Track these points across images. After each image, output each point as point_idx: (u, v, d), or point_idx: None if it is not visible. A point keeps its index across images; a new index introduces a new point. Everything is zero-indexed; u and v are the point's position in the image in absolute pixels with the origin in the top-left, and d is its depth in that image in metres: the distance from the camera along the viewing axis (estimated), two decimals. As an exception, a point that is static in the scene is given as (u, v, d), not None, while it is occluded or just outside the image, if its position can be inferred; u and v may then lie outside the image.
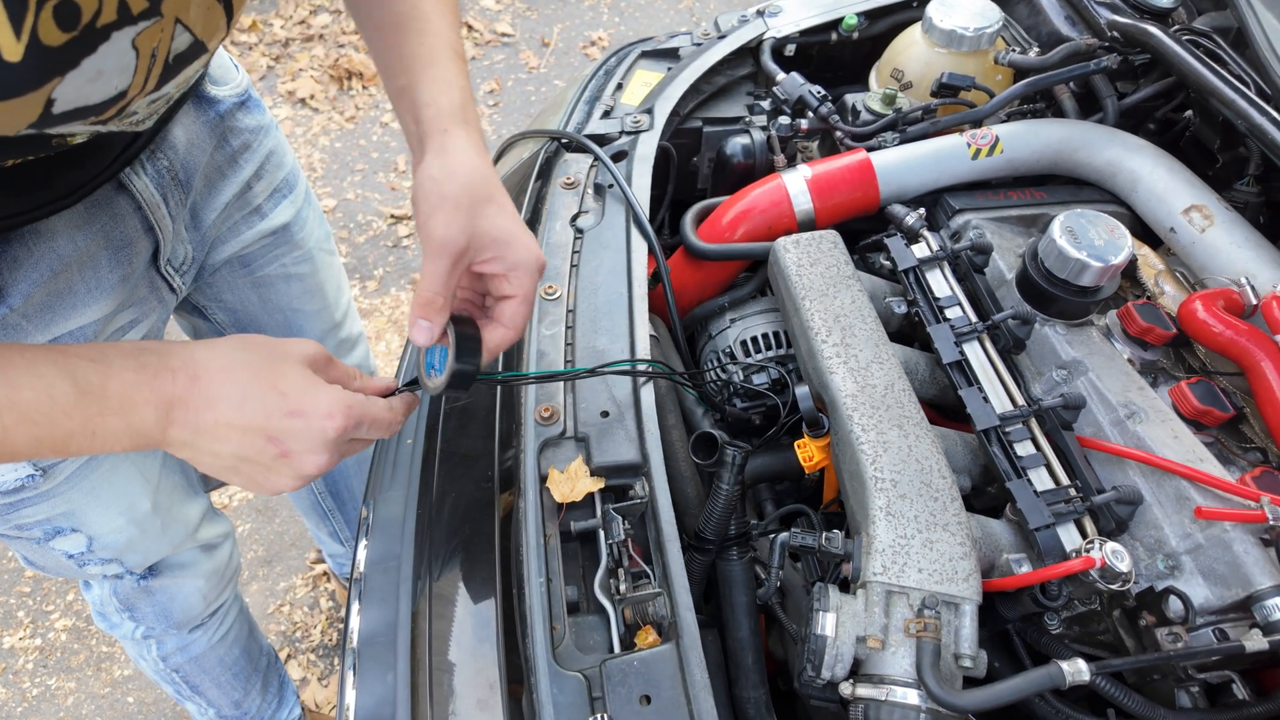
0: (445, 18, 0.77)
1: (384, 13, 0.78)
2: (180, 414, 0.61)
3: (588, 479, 0.83)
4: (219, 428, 0.62)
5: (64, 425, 0.59)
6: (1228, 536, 0.76)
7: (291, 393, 0.63)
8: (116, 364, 0.60)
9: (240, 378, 0.63)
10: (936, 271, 1.01)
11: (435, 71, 0.74)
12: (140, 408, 0.60)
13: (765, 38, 1.35)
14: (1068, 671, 0.68)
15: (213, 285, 1.09)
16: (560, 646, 0.73)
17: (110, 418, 0.60)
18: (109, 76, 0.58)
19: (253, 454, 0.64)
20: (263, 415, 0.62)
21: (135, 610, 1.21)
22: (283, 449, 0.63)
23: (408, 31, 0.76)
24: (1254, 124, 0.98)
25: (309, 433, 0.63)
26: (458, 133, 0.72)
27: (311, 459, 0.65)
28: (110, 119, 0.64)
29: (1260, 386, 0.89)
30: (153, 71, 0.62)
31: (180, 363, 0.62)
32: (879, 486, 0.79)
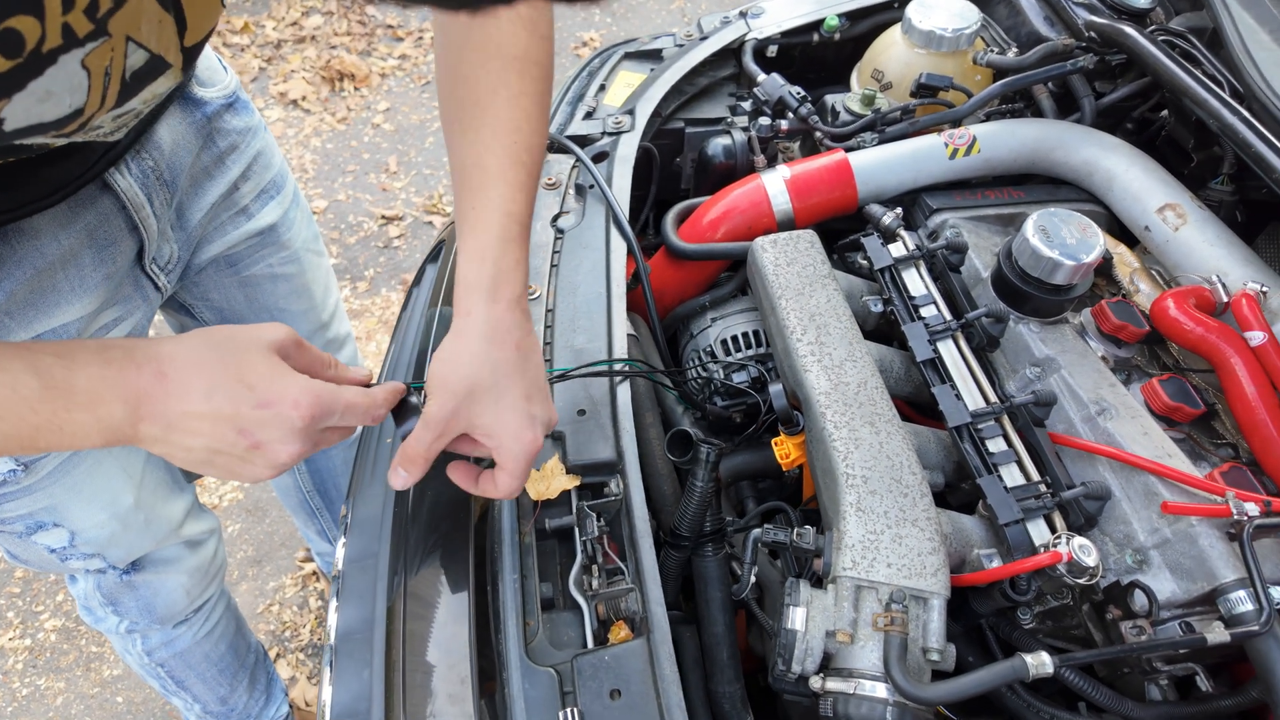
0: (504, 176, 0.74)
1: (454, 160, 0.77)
2: (149, 408, 0.62)
3: (563, 477, 0.84)
4: (188, 420, 0.63)
5: (30, 420, 0.59)
6: (1194, 531, 0.77)
7: (259, 384, 0.63)
8: (81, 359, 0.61)
9: (207, 371, 0.63)
10: (912, 270, 1.02)
11: (473, 242, 0.74)
12: (109, 403, 0.61)
13: (747, 39, 1.36)
14: (1031, 664, 0.69)
15: (199, 284, 1.09)
16: (533, 642, 0.74)
17: (78, 412, 0.60)
18: (60, 96, 0.58)
19: (224, 446, 0.64)
20: (230, 407, 0.63)
21: (119, 604, 1.22)
22: (253, 440, 0.64)
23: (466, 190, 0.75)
24: (1226, 124, 0.99)
25: (278, 422, 0.64)
26: (478, 313, 0.72)
27: (283, 449, 0.65)
28: (73, 132, 0.64)
29: (1230, 383, 0.90)
30: (109, 90, 0.62)
31: (146, 357, 0.62)
32: (850, 483, 0.79)
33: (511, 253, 0.74)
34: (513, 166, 0.75)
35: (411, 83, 3.50)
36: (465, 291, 0.73)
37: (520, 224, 0.75)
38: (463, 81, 0.76)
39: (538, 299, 1.00)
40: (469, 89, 0.76)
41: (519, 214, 0.75)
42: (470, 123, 0.76)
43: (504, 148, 0.75)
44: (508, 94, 0.76)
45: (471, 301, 0.73)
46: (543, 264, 1.05)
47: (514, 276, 0.74)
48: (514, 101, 0.76)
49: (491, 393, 0.71)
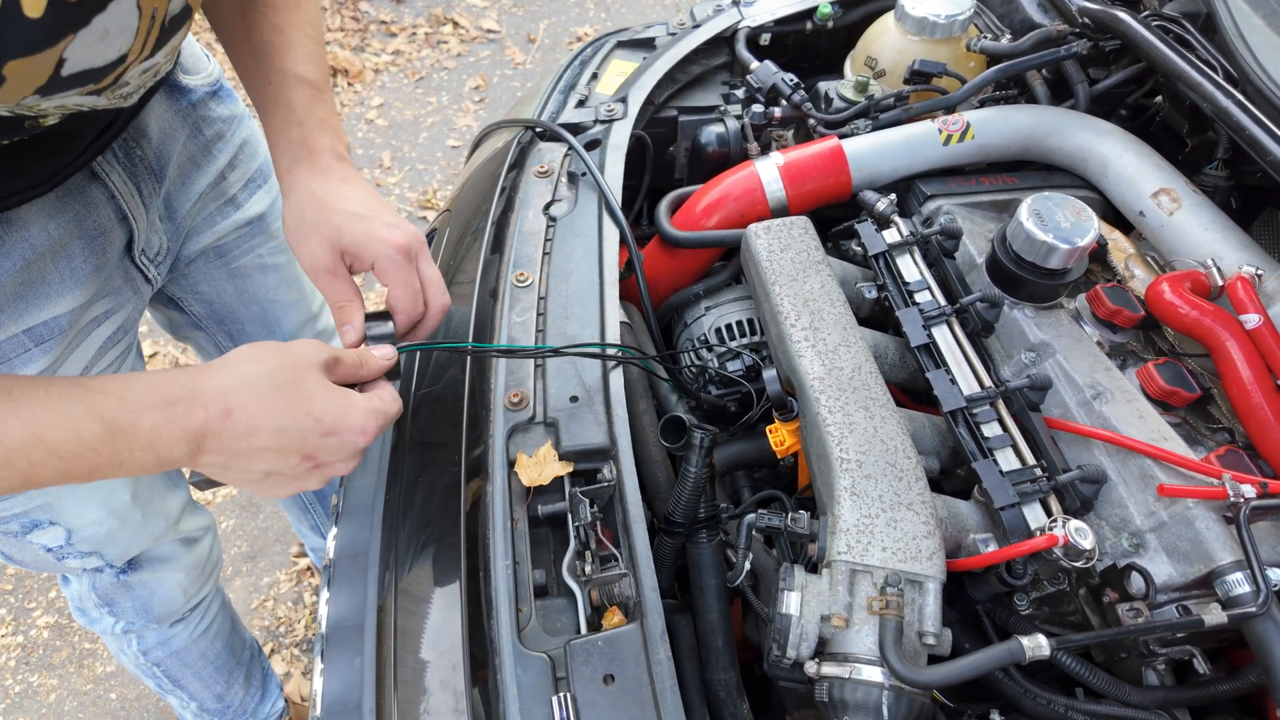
0: (295, 49, 0.82)
1: (242, 51, 0.84)
2: (213, 443, 0.63)
3: (556, 463, 0.83)
4: (255, 453, 0.65)
5: (90, 460, 0.60)
6: (1190, 514, 0.77)
7: (325, 416, 0.66)
8: (144, 401, 0.61)
9: (274, 407, 0.65)
10: (906, 256, 1.01)
11: (280, 115, 0.81)
12: (171, 443, 0.62)
13: (740, 27, 1.35)
14: (1028, 646, 0.68)
15: (188, 276, 1.08)
16: (526, 628, 0.73)
17: (139, 453, 0.61)
18: (114, 36, 0.59)
19: (286, 470, 0.67)
20: (299, 439, 0.65)
21: (115, 605, 1.21)
22: (316, 462, 0.67)
23: (258, 74, 0.82)
24: (1220, 108, 0.99)
25: (343, 447, 0.68)
26: (296, 170, 0.80)
27: (344, 466, 0.70)
28: (106, 88, 0.65)
29: (1225, 367, 0.89)
30: (151, 34, 0.64)
31: (211, 398, 0.63)
32: (844, 467, 0.79)
33: (316, 114, 0.81)
34: (301, 40, 0.83)
35: (405, 78, 3.49)
36: (278, 159, 0.81)
37: (318, 89, 0.83)
38: None
39: (530, 286, 1.00)
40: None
41: (315, 79, 0.83)
42: (254, 5, 0.82)
43: (289, 23, 0.82)
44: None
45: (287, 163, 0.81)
46: (535, 251, 1.04)
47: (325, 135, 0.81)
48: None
49: (339, 213, 0.77)
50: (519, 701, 0.67)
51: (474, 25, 3.75)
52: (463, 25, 3.74)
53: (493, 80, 3.50)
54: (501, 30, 3.75)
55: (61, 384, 0.60)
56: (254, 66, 0.83)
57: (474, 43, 3.68)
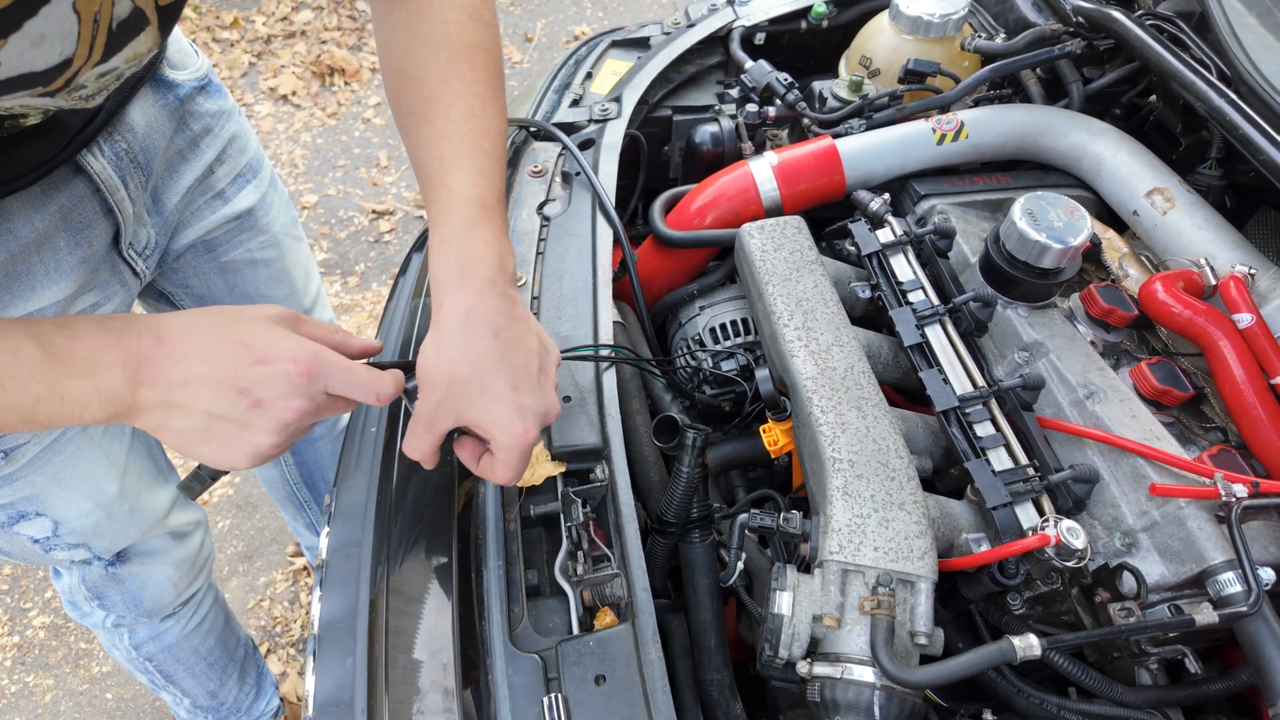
0: (461, 165, 0.73)
1: (414, 157, 0.76)
2: (148, 373, 0.62)
3: (549, 463, 0.83)
4: (188, 383, 0.63)
5: (30, 389, 0.59)
6: (1182, 513, 0.77)
7: (256, 343, 0.64)
8: (82, 328, 0.61)
9: (206, 334, 0.64)
10: (900, 256, 1.01)
11: (437, 235, 0.72)
12: (108, 368, 0.61)
13: (734, 26, 1.35)
14: (1019, 646, 0.68)
15: (178, 271, 1.09)
16: (518, 629, 0.73)
17: (78, 380, 0.60)
18: (51, 41, 0.58)
19: (225, 409, 0.63)
20: (230, 365, 0.63)
21: (105, 598, 1.21)
22: (254, 398, 0.63)
23: (427, 184, 0.74)
24: (1214, 107, 0.99)
25: (277, 378, 0.63)
26: (450, 304, 0.70)
27: (285, 404, 0.64)
28: (58, 90, 0.64)
29: (1218, 366, 0.89)
30: (97, 40, 0.63)
31: (146, 326, 0.63)
32: (836, 467, 0.79)
33: (478, 236, 0.71)
34: (472, 153, 0.74)
35: (402, 77, 3.48)
36: (435, 286, 0.72)
37: (484, 208, 0.73)
38: (413, 81, 0.75)
39: (524, 286, 1.00)
40: (419, 86, 0.75)
41: (482, 197, 0.73)
42: (425, 116, 0.75)
43: (461, 135, 0.74)
44: (459, 84, 0.75)
45: (443, 293, 0.71)
46: (528, 251, 1.04)
47: (484, 259, 0.71)
48: (467, 90, 0.75)
49: (473, 384, 0.69)
50: (510, 702, 0.67)
51: (471, 24, 3.75)
52: (460, 24, 3.74)
53: (490, 79, 3.50)
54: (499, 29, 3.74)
55: (6, 320, 0.61)
56: (425, 181, 0.76)
57: (471, 42, 3.68)
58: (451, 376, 0.69)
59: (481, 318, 0.70)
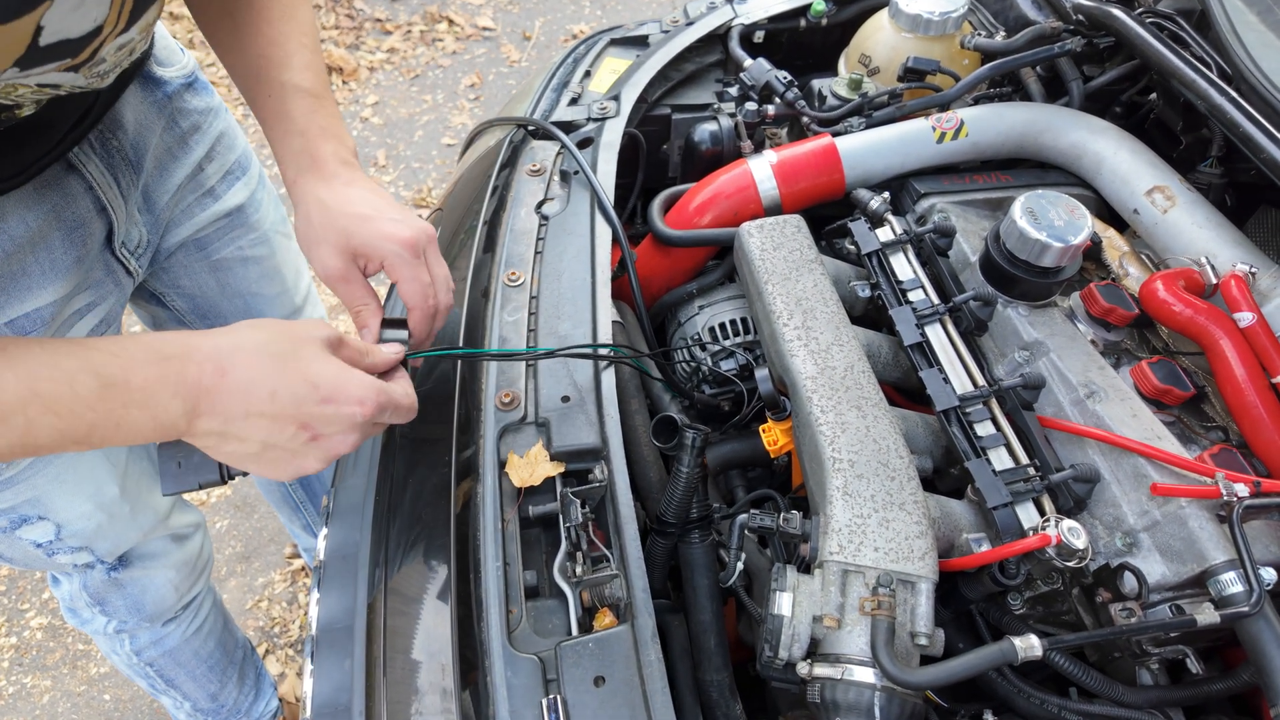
0: (292, 59, 0.82)
1: (235, 63, 0.84)
2: (208, 404, 0.62)
3: (547, 463, 0.83)
4: (250, 418, 0.63)
5: (87, 418, 0.59)
6: (1184, 513, 0.77)
7: (323, 382, 0.65)
8: (138, 357, 0.61)
9: (269, 368, 0.64)
10: (900, 255, 1.01)
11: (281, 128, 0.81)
12: (165, 400, 0.61)
13: (733, 24, 1.35)
14: (1020, 647, 0.68)
15: (169, 270, 1.08)
16: (516, 630, 0.73)
17: (135, 410, 0.60)
18: (90, 5, 0.59)
19: (282, 441, 0.65)
20: (294, 404, 0.63)
21: (106, 604, 1.21)
22: (313, 433, 0.65)
23: (258, 87, 0.82)
24: (1214, 105, 0.98)
25: (340, 418, 0.65)
26: (301, 180, 0.80)
27: (341, 440, 0.67)
28: (83, 63, 0.65)
29: (1219, 365, 0.89)
30: (125, 6, 0.64)
31: (205, 355, 0.62)
32: (836, 467, 0.78)
33: (316, 123, 0.82)
34: (297, 50, 0.83)
35: (400, 76, 3.48)
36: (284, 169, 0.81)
37: (317, 98, 0.83)
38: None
39: (521, 285, 0.99)
40: None
41: (313, 88, 0.83)
42: (246, 17, 0.82)
43: (286, 35, 0.83)
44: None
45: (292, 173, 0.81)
46: (527, 250, 1.03)
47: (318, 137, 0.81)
48: None
49: (346, 216, 0.77)
50: (509, 703, 0.66)
51: (469, 23, 3.74)
52: (458, 23, 3.73)
53: (488, 78, 3.49)
54: (497, 28, 3.74)
55: (56, 342, 0.60)
56: (252, 81, 0.83)
57: (469, 40, 3.67)
58: (322, 225, 0.77)
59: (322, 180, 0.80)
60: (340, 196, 0.79)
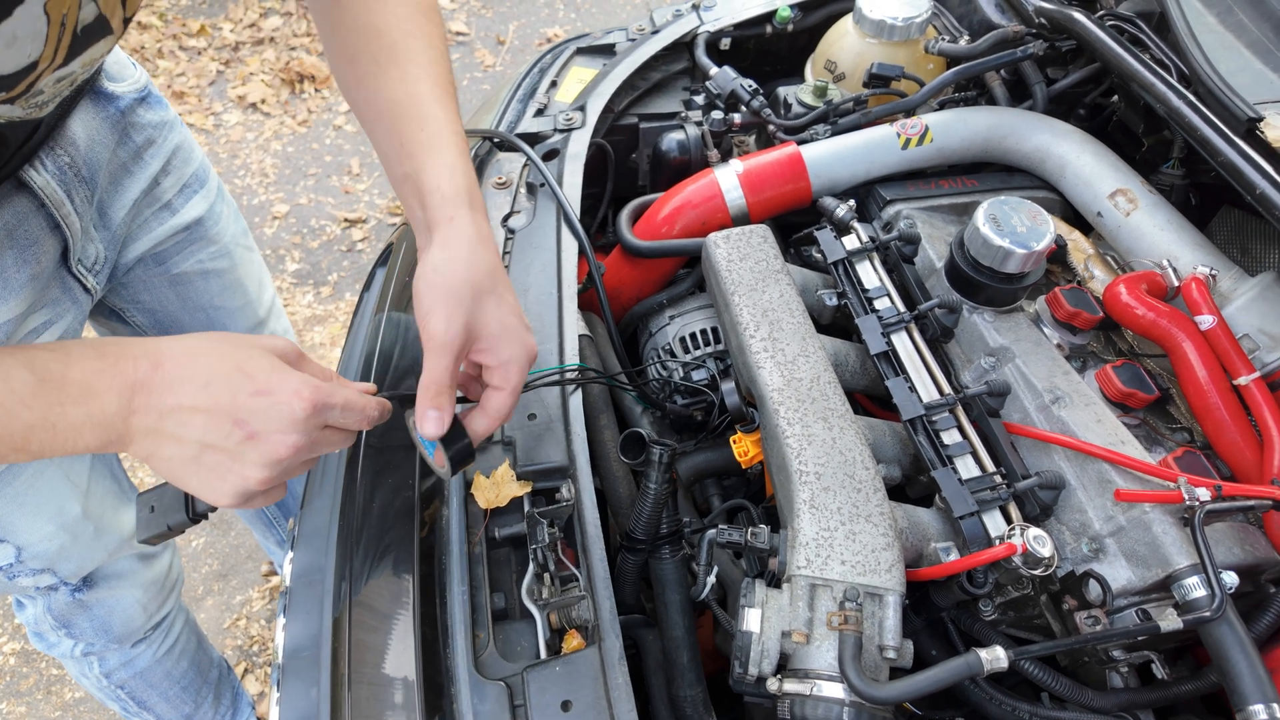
0: (442, 102, 0.76)
1: (381, 101, 0.76)
2: (143, 399, 0.60)
3: (514, 484, 0.82)
4: (183, 411, 0.61)
5: (23, 417, 0.57)
6: (1148, 518, 0.77)
7: (258, 374, 0.62)
8: (75, 353, 0.60)
9: (204, 361, 0.62)
10: (866, 263, 1.01)
11: (439, 159, 0.73)
12: (101, 395, 0.59)
13: (699, 32, 1.34)
14: (985, 659, 0.68)
15: (128, 286, 1.07)
16: (484, 655, 0.72)
17: (70, 406, 0.58)
18: (22, 43, 0.58)
19: (218, 439, 0.62)
20: (228, 395, 0.61)
21: (73, 626, 1.19)
22: (249, 430, 0.61)
23: (407, 120, 0.75)
24: (1173, 108, 0.99)
25: (276, 410, 0.62)
26: (463, 219, 0.71)
27: (280, 439, 0.62)
28: (18, 96, 0.64)
29: (1182, 367, 0.90)
30: (62, 42, 0.62)
31: (142, 350, 0.61)
32: (803, 480, 0.78)
33: (472, 171, 0.75)
34: (446, 96, 0.76)
35: (373, 83, 3.45)
36: (441, 200, 0.71)
37: (467, 146, 0.76)
38: (374, 32, 0.76)
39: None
40: (383, 37, 0.76)
41: (464, 137, 0.76)
42: (391, 63, 0.76)
43: (433, 79, 0.76)
44: (423, 37, 0.77)
45: (452, 208, 0.71)
46: (493, 266, 1.02)
47: (479, 194, 0.74)
48: (430, 43, 0.78)
49: (494, 295, 0.70)
50: (475, 731, 0.66)
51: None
52: (431, 28, 3.71)
53: (462, 83, 3.47)
54: (470, 33, 3.72)
55: None
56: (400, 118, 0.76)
57: (443, 46, 3.65)
58: (475, 285, 0.69)
59: (489, 235, 0.73)
60: (491, 258, 0.71)
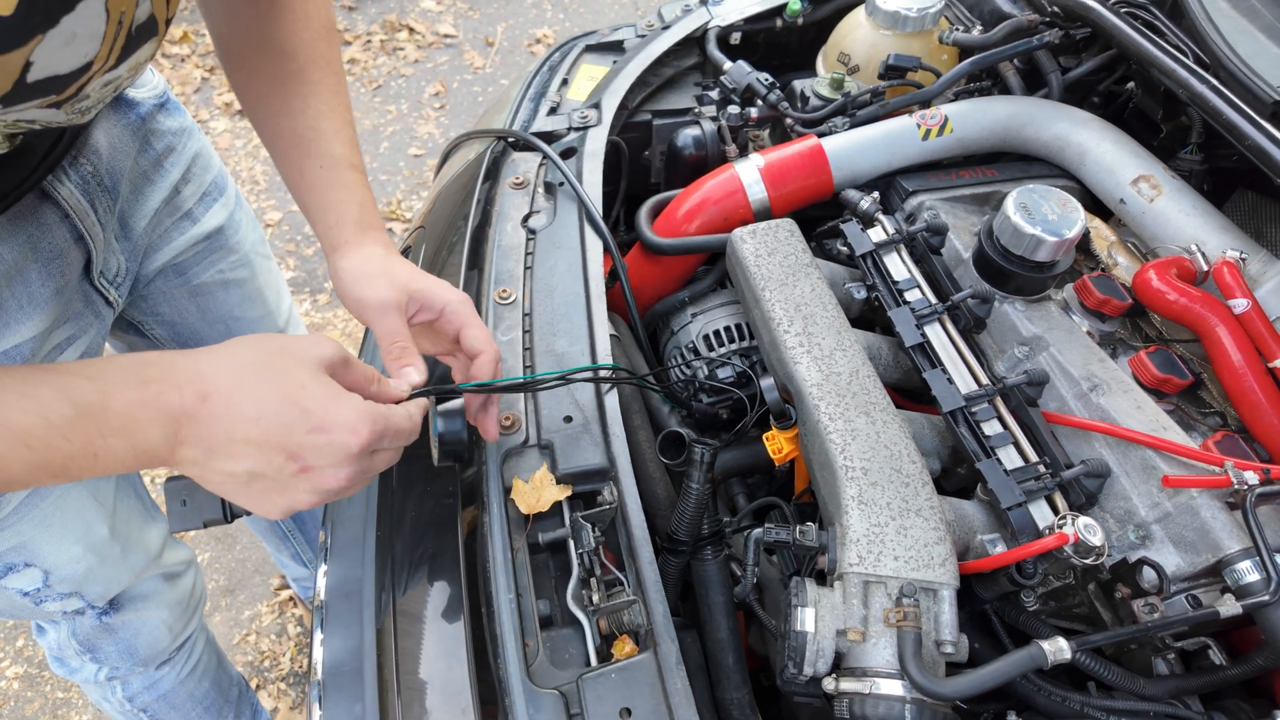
0: (340, 135, 0.83)
1: (283, 127, 0.82)
2: (190, 431, 0.58)
3: (554, 487, 0.80)
4: (234, 445, 0.58)
5: (62, 449, 0.54)
6: (1195, 503, 0.77)
7: (314, 408, 0.60)
8: (116, 380, 0.56)
9: (255, 392, 0.59)
10: (894, 255, 1.00)
11: (334, 196, 0.82)
12: (145, 426, 0.56)
13: (710, 27, 1.33)
14: (1049, 651, 0.67)
15: (148, 298, 1.05)
16: (534, 664, 0.70)
17: (113, 439, 0.56)
18: (80, 41, 0.57)
19: (270, 471, 0.60)
20: (282, 432, 0.59)
21: (98, 651, 1.15)
22: (303, 464, 0.60)
23: (307, 155, 0.82)
24: (1195, 92, 0.99)
25: (332, 448, 0.60)
26: (360, 239, 0.81)
27: (333, 474, 0.61)
28: (66, 100, 0.62)
29: (1216, 352, 0.90)
30: (117, 42, 0.61)
31: (185, 378, 0.58)
32: (850, 475, 0.77)
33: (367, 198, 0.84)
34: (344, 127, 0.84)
35: (362, 87, 3.42)
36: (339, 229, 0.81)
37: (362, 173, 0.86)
38: (280, 53, 0.82)
39: (513, 303, 0.97)
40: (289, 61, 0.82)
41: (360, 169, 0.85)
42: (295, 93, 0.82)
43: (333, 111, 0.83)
44: (326, 65, 0.83)
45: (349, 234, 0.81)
46: (516, 266, 1.01)
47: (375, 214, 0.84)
48: (331, 69, 0.84)
49: (403, 266, 0.80)
50: (533, 743, 0.64)
51: (430, 31, 3.69)
52: (418, 31, 3.68)
53: (452, 86, 3.44)
54: (459, 35, 3.69)
55: (27, 369, 0.56)
56: (300, 151, 0.82)
57: (431, 48, 3.62)
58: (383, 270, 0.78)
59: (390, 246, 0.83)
60: (397, 259, 0.81)
